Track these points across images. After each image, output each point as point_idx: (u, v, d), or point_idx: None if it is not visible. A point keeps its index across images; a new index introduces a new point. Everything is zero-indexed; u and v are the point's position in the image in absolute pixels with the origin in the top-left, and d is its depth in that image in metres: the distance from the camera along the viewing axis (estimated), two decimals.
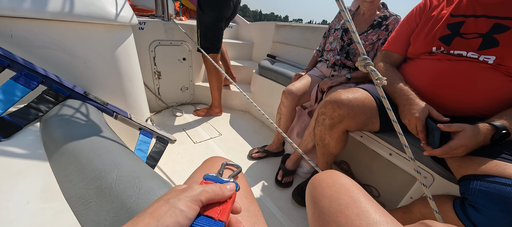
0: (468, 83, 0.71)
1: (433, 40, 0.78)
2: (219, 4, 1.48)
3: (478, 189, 0.54)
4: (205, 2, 1.48)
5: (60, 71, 0.71)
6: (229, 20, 1.70)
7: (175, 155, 1.40)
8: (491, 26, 0.67)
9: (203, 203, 0.23)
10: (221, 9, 1.50)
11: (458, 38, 0.73)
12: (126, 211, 0.34)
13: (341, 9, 0.42)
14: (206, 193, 0.24)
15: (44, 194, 0.40)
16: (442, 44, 0.76)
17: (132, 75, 0.99)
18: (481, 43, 0.68)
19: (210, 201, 0.24)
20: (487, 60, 0.67)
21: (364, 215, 0.34)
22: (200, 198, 0.23)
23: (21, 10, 0.62)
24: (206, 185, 0.25)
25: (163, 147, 0.84)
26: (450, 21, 0.76)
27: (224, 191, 0.26)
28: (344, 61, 1.24)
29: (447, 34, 0.75)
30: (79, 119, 0.59)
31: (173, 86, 1.97)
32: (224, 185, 0.27)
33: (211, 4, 1.47)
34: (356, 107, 0.80)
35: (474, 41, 0.70)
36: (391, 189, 1.14)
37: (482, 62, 0.68)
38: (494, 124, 0.59)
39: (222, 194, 0.25)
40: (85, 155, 0.45)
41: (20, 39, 0.65)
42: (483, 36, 0.68)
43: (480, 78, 0.69)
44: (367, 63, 0.44)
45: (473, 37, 0.70)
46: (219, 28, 1.58)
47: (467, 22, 0.72)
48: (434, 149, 0.64)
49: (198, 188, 0.24)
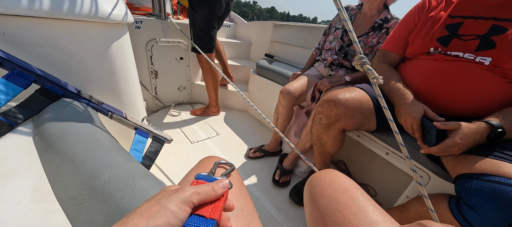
0: (464, 83, 0.71)
1: (431, 41, 0.79)
2: (210, 3, 1.46)
3: (473, 187, 0.54)
4: (196, 1, 1.45)
5: (54, 70, 0.70)
6: (223, 18, 1.68)
7: (172, 155, 1.39)
8: (489, 27, 0.67)
9: (194, 204, 0.23)
10: (212, 7, 1.48)
11: (456, 39, 0.73)
12: (119, 211, 0.34)
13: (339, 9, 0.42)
14: (197, 195, 0.23)
15: (35, 194, 0.39)
16: (439, 45, 0.76)
17: (128, 74, 0.98)
18: (479, 44, 0.69)
19: (202, 202, 0.24)
20: (483, 61, 0.68)
21: (362, 214, 0.34)
22: (191, 200, 0.23)
23: (14, 8, 0.61)
24: (198, 186, 0.25)
25: (159, 147, 0.83)
26: (449, 22, 0.76)
27: (216, 190, 0.26)
28: (341, 61, 1.24)
29: (445, 35, 0.76)
30: (72, 118, 0.58)
31: (170, 85, 1.96)
32: (216, 183, 0.27)
33: (202, 3, 1.45)
34: (353, 106, 0.80)
35: (472, 43, 0.70)
36: (388, 188, 1.15)
37: (478, 63, 0.69)
38: (490, 122, 0.60)
39: (215, 194, 0.25)
40: (78, 155, 0.44)
41: (13, 37, 0.64)
42: (481, 38, 0.68)
43: (476, 78, 0.69)
44: (363, 62, 0.44)
45: (471, 38, 0.70)
46: (211, 27, 1.56)
47: (466, 23, 0.72)
48: (430, 147, 0.64)
49: (190, 189, 0.23)
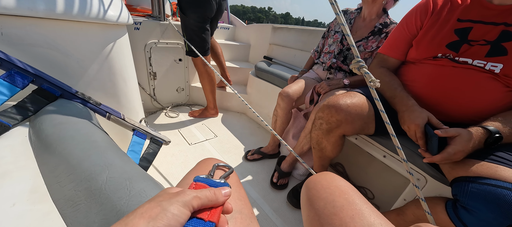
0: (470, 91, 0.70)
1: (440, 46, 0.76)
2: (200, 5, 1.43)
3: (469, 190, 0.55)
4: (186, 4, 1.43)
5: (52, 70, 0.70)
6: (216, 19, 1.66)
7: (170, 156, 1.38)
8: (499, 33, 0.66)
9: (194, 209, 0.23)
10: (202, 9, 1.45)
11: (466, 45, 0.71)
12: (116, 213, 0.34)
13: (336, 13, 0.42)
14: (198, 199, 0.23)
15: (31, 195, 0.39)
16: (450, 51, 0.73)
17: (126, 75, 0.97)
18: (489, 50, 0.67)
19: (203, 207, 0.24)
20: (494, 69, 0.66)
21: (358, 217, 0.34)
22: (192, 203, 0.22)
23: (13, 8, 0.60)
24: (199, 190, 0.25)
25: (157, 148, 0.83)
26: (457, 26, 0.73)
27: (218, 196, 0.25)
28: (340, 64, 1.25)
29: (455, 40, 0.73)
30: (70, 119, 0.58)
31: (169, 87, 1.95)
32: (219, 189, 0.26)
33: (192, 6, 1.43)
34: (354, 112, 0.79)
35: (482, 48, 0.68)
36: (385, 191, 1.15)
37: (487, 71, 0.67)
38: (487, 128, 0.60)
39: (216, 200, 0.25)
40: (75, 156, 0.44)
41: (11, 37, 0.64)
42: (492, 44, 0.67)
43: (482, 87, 0.68)
44: (360, 65, 0.44)
45: (481, 44, 0.68)
46: (204, 29, 1.53)
47: (475, 28, 0.70)
48: (433, 156, 0.63)
49: (191, 193, 0.23)
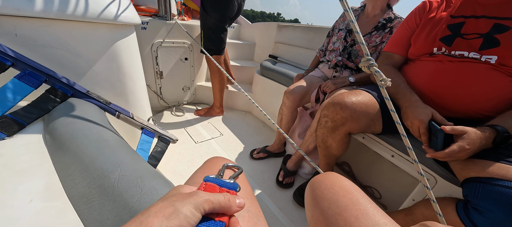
0: (470, 84, 0.70)
1: (434, 41, 0.78)
2: (223, 5, 1.46)
3: (481, 191, 0.54)
4: (208, 3, 1.46)
5: (64, 70, 0.72)
6: (233, 20, 1.69)
7: (177, 154, 1.40)
8: (491, 26, 0.68)
9: (206, 211, 0.23)
10: (225, 9, 1.48)
11: (459, 38, 0.73)
12: (128, 211, 0.34)
13: (345, 10, 0.42)
14: (210, 203, 0.23)
15: (46, 192, 0.40)
16: (443, 45, 0.76)
17: (135, 74, 0.99)
18: (482, 43, 0.69)
19: (214, 211, 0.24)
20: (489, 60, 0.67)
21: (363, 217, 0.34)
22: (203, 207, 0.23)
23: (26, 10, 0.62)
24: (213, 194, 0.25)
25: (165, 146, 0.84)
26: (450, 22, 0.76)
27: (231, 204, 0.25)
28: (345, 62, 1.24)
29: (448, 34, 0.76)
30: (82, 118, 0.59)
31: (175, 86, 1.97)
32: (233, 198, 0.26)
33: (214, 5, 1.45)
34: (359, 110, 0.79)
35: (475, 41, 0.70)
36: (392, 191, 1.14)
37: (484, 62, 0.68)
38: (495, 127, 0.59)
39: (228, 208, 0.25)
40: (88, 154, 0.45)
41: (25, 38, 0.66)
42: (484, 36, 0.69)
43: (482, 78, 0.69)
44: (371, 64, 0.44)
45: (474, 37, 0.70)
46: (222, 29, 1.57)
47: (467, 22, 0.73)
48: (437, 151, 0.63)
49: (204, 196, 0.24)
